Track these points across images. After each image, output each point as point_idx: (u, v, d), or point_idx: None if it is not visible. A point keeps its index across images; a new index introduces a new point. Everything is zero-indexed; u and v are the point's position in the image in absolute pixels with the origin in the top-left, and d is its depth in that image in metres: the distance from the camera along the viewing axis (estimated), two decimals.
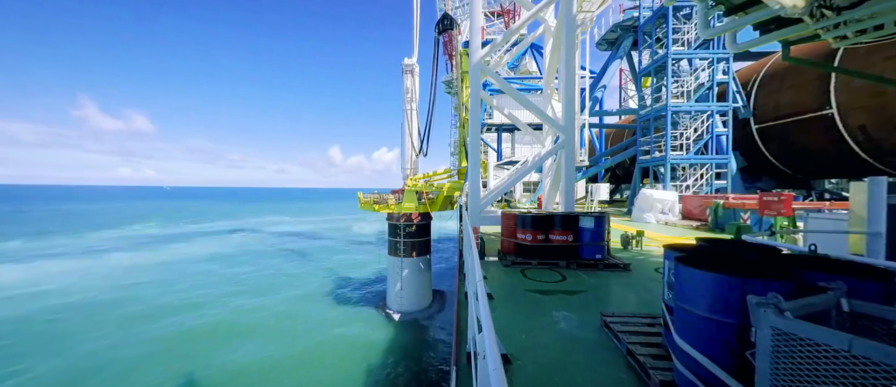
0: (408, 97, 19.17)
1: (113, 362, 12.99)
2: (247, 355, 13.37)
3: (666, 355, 3.17)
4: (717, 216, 13.32)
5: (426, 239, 17.65)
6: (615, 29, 24.24)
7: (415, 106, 19.59)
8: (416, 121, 19.80)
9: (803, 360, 1.52)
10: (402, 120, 18.72)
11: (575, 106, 13.17)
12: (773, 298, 1.72)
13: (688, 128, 19.37)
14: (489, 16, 36.33)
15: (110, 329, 15.89)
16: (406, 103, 19.04)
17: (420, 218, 17.32)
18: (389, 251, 17.59)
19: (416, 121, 19.79)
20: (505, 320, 4.45)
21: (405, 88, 19.32)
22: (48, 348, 14.31)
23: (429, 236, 17.89)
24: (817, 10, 3.78)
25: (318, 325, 16.57)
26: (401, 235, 16.98)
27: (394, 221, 17.22)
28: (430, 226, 18.11)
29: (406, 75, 19.36)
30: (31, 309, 18.20)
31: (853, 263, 2.68)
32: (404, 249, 17.01)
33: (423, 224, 17.45)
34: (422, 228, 17.41)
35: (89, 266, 27.93)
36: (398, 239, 17.01)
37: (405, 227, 16.95)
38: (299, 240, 44.99)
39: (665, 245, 3.36)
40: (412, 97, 19.23)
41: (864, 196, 5.25)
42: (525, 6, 13.64)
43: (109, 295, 20.51)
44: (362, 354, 13.79)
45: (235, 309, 18.10)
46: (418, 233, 17.25)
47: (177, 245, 38.54)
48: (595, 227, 7.51)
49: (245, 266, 28.39)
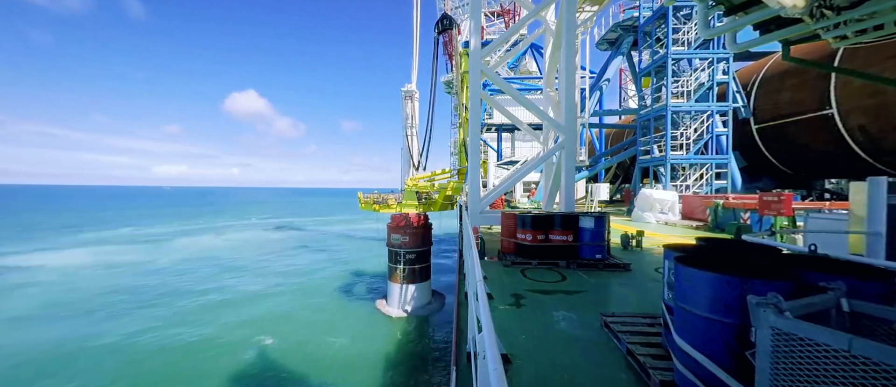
0: (408, 123, 19.05)
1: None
2: (242, 353, 13.38)
3: (666, 355, 3.17)
4: (717, 216, 13.32)
5: (426, 265, 17.72)
6: (615, 29, 24.26)
7: (415, 130, 19.53)
8: (416, 144, 19.83)
9: (803, 360, 1.52)
10: (402, 145, 18.61)
11: (575, 106, 13.18)
12: (773, 298, 1.72)
13: (688, 128, 19.37)
14: (489, 16, 36.39)
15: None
16: (406, 129, 18.94)
17: (420, 243, 17.38)
18: (389, 276, 17.71)
19: (417, 143, 19.82)
20: (505, 320, 4.45)
21: (405, 115, 19.17)
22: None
23: (429, 262, 17.94)
24: (817, 10, 3.78)
25: (316, 323, 16.60)
26: (401, 261, 17.08)
27: (393, 247, 17.27)
28: (430, 252, 18.16)
29: (406, 102, 19.21)
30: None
31: (853, 263, 2.69)
32: (404, 277, 17.15)
33: (422, 251, 17.50)
34: (422, 254, 17.47)
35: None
36: (398, 265, 17.12)
37: (406, 254, 17.04)
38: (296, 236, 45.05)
39: (665, 245, 3.37)
40: (412, 123, 19.13)
41: (864, 196, 5.25)
42: (525, 6, 13.66)
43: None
44: (361, 353, 13.79)
45: (228, 306, 18.19)
46: (418, 259, 17.34)
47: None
48: (595, 227, 7.51)
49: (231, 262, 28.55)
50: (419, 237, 17.43)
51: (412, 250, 17.14)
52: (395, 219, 17.67)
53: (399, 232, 17.30)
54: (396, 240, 17.26)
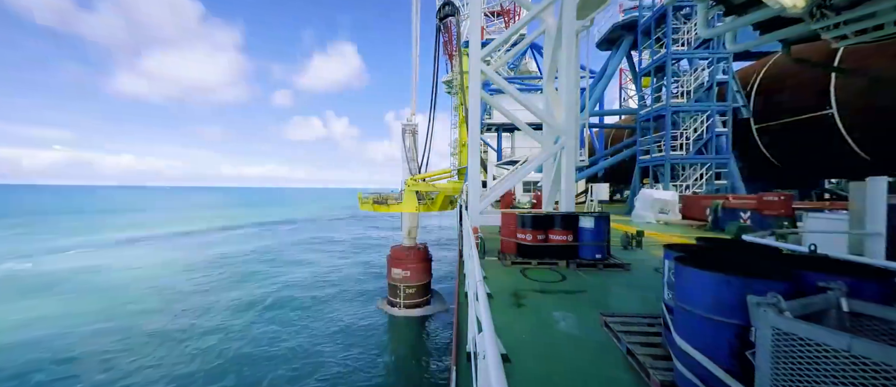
0: (409, 156, 18.79)
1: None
2: (234, 352, 13.39)
3: (666, 355, 3.17)
4: (717, 216, 13.33)
5: (426, 298, 17.73)
6: (615, 29, 24.27)
7: (416, 163, 19.30)
8: (416, 151, 19.74)
9: (803, 360, 1.53)
10: (402, 178, 18.31)
11: (575, 106, 13.18)
12: (773, 298, 1.72)
13: (688, 128, 19.37)
14: (489, 16, 36.41)
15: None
16: (408, 162, 18.68)
17: (422, 277, 17.37)
18: (389, 302, 17.71)
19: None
20: (505, 320, 4.45)
21: (406, 147, 18.86)
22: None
23: (429, 295, 17.96)
24: (817, 10, 3.79)
25: (313, 322, 16.60)
26: (401, 296, 17.13)
27: (393, 281, 17.28)
28: (430, 284, 18.15)
29: (406, 135, 18.89)
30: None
31: (853, 263, 2.69)
32: (405, 306, 17.20)
33: (423, 284, 17.52)
34: (422, 288, 17.50)
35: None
36: (398, 300, 17.17)
37: (406, 289, 17.08)
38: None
39: (665, 245, 3.37)
40: (413, 157, 18.89)
41: (864, 196, 5.26)
42: (525, 6, 13.67)
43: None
44: (360, 353, 13.79)
45: (224, 303, 18.19)
46: (418, 293, 17.36)
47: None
48: (595, 227, 7.51)
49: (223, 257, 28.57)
50: (420, 271, 17.42)
51: (412, 285, 17.20)
52: (395, 252, 17.66)
53: (400, 266, 17.22)
54: (397, 275, 17.23)
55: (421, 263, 17.56)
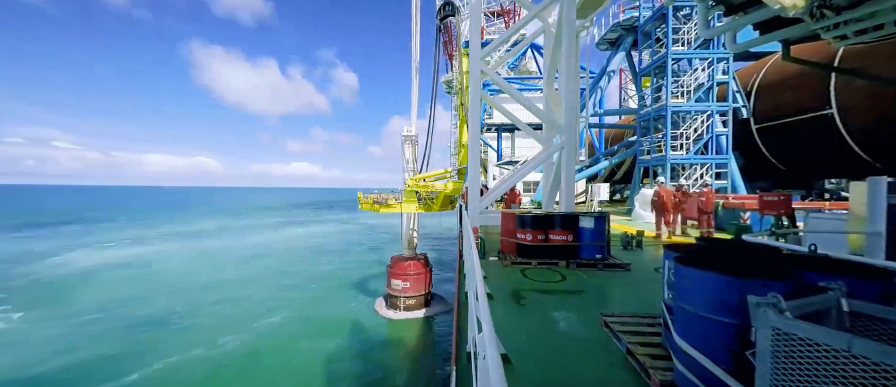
0: (408, 167, 18.94)
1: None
2: (233, 352, 13.39)
3: (666, 355, 3.17)
4: (717, 216, 13.31)
5: (424, 309, 17.79)
6: (615, 29, 24.25)
7: (415, 173, 19.47)
8: (415, 156, 19.87)
9: (803, 360, 1.53)
10: (401, 189, 18.46)
11: (575, 106, 13.18)
12: (773, 298, 1.72)
13: (688, 128, 19.37)
14: (489, 16, 36.40)
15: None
16: (408, 172, 18.83)
17: (422, 288, 17.36)
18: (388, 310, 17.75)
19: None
20: (505, 320, 4.45)
21: (405, 159, 19.00)
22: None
23: (429, 305, 18.03)
24: (817, 10, 3.78)
25: (312, 320, 16.61)
26: (400, 307, 17.16)
27: (393, 292, 17.28)
28: (430, 293, 18.19)
29: (406, 146, 19.05)
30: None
31: (853, 263, 2.69)
32: (403, 310, 17.27)
33: (422, 295, 17.52)
34: (422, 298, 17.52)
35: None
36: (397, 309, 17.19)
37: (405, 300, 17.11)
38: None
39: (665, 245, 3.37)
40: (413, 168, 19.05)
41: (864, 196, 5.26)
42: (525, 6, 13.67)
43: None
44: (360, 352, 13.79)
45: (223, 304, 18.21)
46: (418, 305, 17.38)
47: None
48: (595, 227, 7.51)
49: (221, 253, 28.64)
50: (421, 282, 17.43)
51: (412, 296, 17.20)
52: (394, 262, 17.65)
53: (400, 278, 17.20)
54: (397, 286, 17.18)
55: (421, 273, 17.52)
